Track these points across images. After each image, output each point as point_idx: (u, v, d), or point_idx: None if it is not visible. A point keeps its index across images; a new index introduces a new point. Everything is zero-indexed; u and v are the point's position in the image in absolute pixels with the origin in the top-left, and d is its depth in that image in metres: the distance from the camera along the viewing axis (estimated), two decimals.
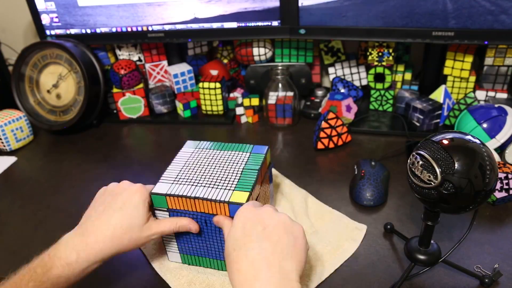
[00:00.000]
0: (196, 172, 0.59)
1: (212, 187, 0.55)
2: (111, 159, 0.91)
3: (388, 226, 0.64)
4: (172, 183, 0.56)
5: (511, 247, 0.60)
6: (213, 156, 0.62)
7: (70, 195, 0.79)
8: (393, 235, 0.64)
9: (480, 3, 0.79)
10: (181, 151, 0.64)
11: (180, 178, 0.57)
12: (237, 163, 0.60)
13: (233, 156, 0.62)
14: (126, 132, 1.03)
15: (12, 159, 0.94)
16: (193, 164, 0.61)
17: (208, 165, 0.60)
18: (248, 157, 0.62)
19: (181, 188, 0.55)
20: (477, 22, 0.81)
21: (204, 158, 0.62)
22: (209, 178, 0.57)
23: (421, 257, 0.54)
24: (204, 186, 0.55)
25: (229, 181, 0.56)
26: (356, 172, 0.75)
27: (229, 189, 0.54)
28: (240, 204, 0.51)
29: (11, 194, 0.82)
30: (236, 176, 0.57)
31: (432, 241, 0.55)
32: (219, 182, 0.56)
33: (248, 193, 0.53)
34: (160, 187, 0.55)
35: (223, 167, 0.59)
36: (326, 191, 0.75)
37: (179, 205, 0.55)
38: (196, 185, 0.55)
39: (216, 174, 0.58)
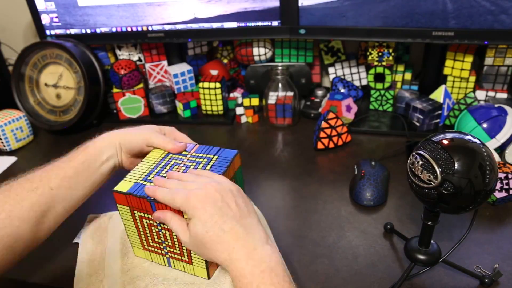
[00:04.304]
0: (158, 173, 0.57)
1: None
2: None
3: (388, 226, 0.64)
4: (136, 182, 0.55)
5: (511, 247, 0.60)
6: (181, 159, 0.60)
7: None
8: (393, 235, 0.64)
9: (480, 3, 0.79)
10: (153, 151, 0.62)
11: (143, 178, 0.56)
12: (202, 166, 0.57)
13: (200, 158, 0.59)
14: None
15: (12, 159, 0.94)
16: (159, 164, 0.59)
17: (172, 167, 0.58)
18: (215, 161, 0.58)
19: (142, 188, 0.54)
20: (477, 22, 0.81)
21: (173, 159, 0.60)
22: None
23: (421, 257, 0.54)
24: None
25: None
26: (356, 172, 0.76)
27: None
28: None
29: None
30: None
31: (432, 241, 0.55)
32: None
33: None
34: (124, 186, 0.54)
35: (185, 169, 0.57)
36: (326, 191, 0.75)
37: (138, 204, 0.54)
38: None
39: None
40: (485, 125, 0.79)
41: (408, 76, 1.03)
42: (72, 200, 0.58)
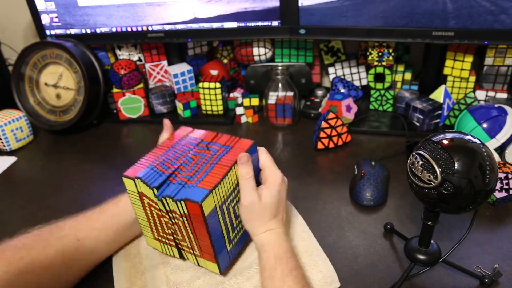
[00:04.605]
0: (169, 158, 0.56)
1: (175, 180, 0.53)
2: (111, 159, 0.91)
3: (388, 226, 0.64)
4: (146, 168, 0.54)
5: (511, 247, 0.60)
6: (193, 144, 0.59)
7: (70, 195, 0.79)
8: (393, 235, 0.64)
9: (480, 3, 0.79)
10: (167, 138, 0.61)
11: (155, 164, 0.55)
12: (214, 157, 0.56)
13: (216, 147, 0.58)
14: (126, 132, 1.03)
15: (12, 159, 0.94)
16: (170, 151, 0.58)
17: (183, 153, 0.57)
18: (229, 150, 0.57)
19: (150, 175, 0.53)
20: (477, 22, 0.81)
21: (185, 145, 0.59)
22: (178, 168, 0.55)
23: (421, 257, 0.54)
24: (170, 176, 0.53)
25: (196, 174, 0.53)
26: (356, 172, 0.75)
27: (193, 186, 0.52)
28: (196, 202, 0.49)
29: (11, 194, 0.82)
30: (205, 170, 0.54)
31: (432, 241, 0.55)
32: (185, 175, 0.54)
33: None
34: (133, 172, 0.54)
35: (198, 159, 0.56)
36: (326, 191, 0.75)
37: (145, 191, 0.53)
38: (161, 175, 0.53)
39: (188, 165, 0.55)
40: (485, 125, 0.79)
41: (408, 76, 1.03)
42: (98, 253, 0.58)
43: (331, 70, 1.07)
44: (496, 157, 0.74)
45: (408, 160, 0.48)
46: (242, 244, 0.61)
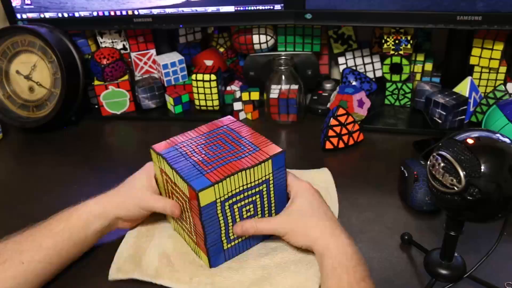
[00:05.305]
0: (199, 146, 0.64)
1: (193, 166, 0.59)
2: (92, 161, 0.91)
3: (406, 237, 0.64)
4: (172, 147, 0.63)
5: None
6: (231, 139, 0.65)
7: (46, 202, 0.79)
8: (411, 246, 0.64)
9: None
10: (212, 122, 0.70)
11: (182, 145, 0.64)
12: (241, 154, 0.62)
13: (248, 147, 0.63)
14: (109, 130, 1.03)
15: None
16: (204, 137, 0.66)
17: (213, 145, 0.64)
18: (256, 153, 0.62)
19: (173, 154, 0.62)
20: (509, 4, 0.81)
21: (219, 139, 0.65)
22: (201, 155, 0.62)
23: (443, 272, 0.55)
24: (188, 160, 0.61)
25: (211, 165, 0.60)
26: (406, 175, 0.73)
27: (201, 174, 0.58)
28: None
29: None
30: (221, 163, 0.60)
31: (455, 254, 0.55)
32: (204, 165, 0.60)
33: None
34: (159, 146, 0.64)
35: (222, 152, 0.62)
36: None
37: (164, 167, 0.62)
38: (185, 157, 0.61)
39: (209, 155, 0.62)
40: None
41: (428, 66, 1.03)
42: (47, 275, 0.59)
43: (341, 60, 1.07)
44: None
45: (428, 162, 0.48)
46: (246, 249, 0.65)
